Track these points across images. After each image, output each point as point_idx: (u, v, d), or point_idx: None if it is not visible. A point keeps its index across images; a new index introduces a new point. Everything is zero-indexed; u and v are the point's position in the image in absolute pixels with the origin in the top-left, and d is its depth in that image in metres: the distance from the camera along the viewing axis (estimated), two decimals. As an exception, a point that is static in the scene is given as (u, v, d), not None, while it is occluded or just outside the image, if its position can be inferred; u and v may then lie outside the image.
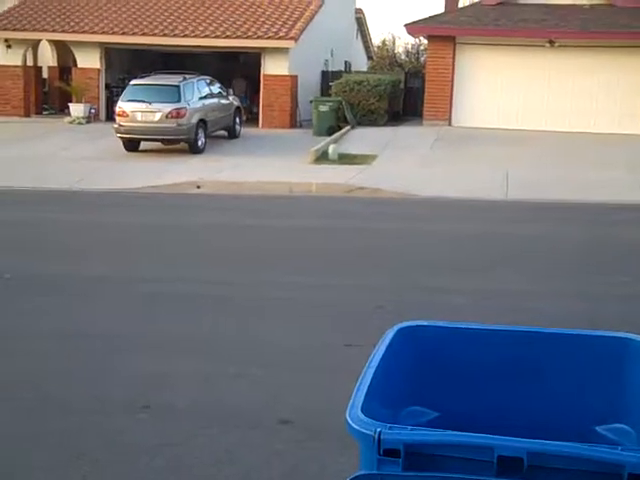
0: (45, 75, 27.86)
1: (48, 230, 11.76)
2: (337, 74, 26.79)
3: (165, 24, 25.32)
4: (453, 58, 23.95)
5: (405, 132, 23.20)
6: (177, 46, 25.52)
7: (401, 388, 3.10)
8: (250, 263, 9.46)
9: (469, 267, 9.31)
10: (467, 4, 27.87)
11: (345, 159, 18.66)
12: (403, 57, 42.83)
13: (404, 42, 43.15)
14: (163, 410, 5.21)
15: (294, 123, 24.77)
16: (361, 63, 36.13)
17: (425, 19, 24.76)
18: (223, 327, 6.99)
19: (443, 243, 10.72)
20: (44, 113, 26.97)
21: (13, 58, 26.03)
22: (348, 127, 23.09)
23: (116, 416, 5.13)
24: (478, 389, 3.23)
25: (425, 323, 3.30)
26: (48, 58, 27.84)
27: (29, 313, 7.38)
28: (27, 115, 26.00)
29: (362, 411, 2.46)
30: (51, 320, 7.17)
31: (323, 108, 22.74)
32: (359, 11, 35.07)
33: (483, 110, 23.62)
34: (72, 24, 25.58)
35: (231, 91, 22.84)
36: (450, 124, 23.97)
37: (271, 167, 17.85)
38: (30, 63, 26.61)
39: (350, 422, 2.44)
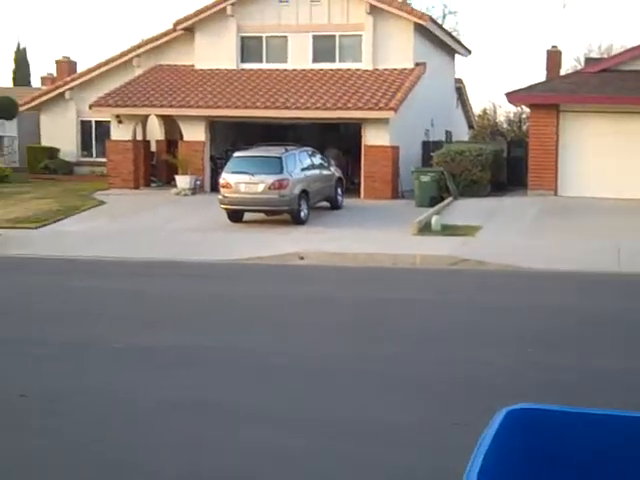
0: (153, 148, 28.76)
1: (152, 300, 11.94)
2: (438, 144, 26.75)
3: (267, 96, 25.88)
4: (557, 126, 23.63)
5: (509, 202, 22.87)
6: (279, 118, 26.02)
7: (512, 474, 2.95)
8: (355, 335, 9.35)
9: (586, 345, 8.95)
10: (569, 72, 27.58)
11: (448, 230, 18.47)
12: (505, 125, 42.57)
13: (505, 110, 42.96)
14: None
15: (396, 194, 24.75)
16: (462, 132, 36.06)
17: (526, 88, 24.58)
18: (330, 401, 6.88)
19: (556, 317, 10.37)
20: (152, 185, 27.78)
21: (123, 133, 27.03)
22: (450, 198, 22.91)
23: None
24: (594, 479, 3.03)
25: (536, 406, 3.11)
26: (156, 132, 28.80)
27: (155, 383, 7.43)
28: (136, 187, 26.83)
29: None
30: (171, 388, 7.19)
31: (425, 178, 22.65)
32: (459, 81, 35.13)
33: (590, 179, 23.09)
34: (179, 99, 26.44)
35: (332, 162, 23.01)
36: (556, 194, 23.52)
37: (374, 238, 17.80)
38: (139, 137, 27.56)
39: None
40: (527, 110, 29.31)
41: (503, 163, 26.38)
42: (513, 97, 25.11)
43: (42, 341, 9.42)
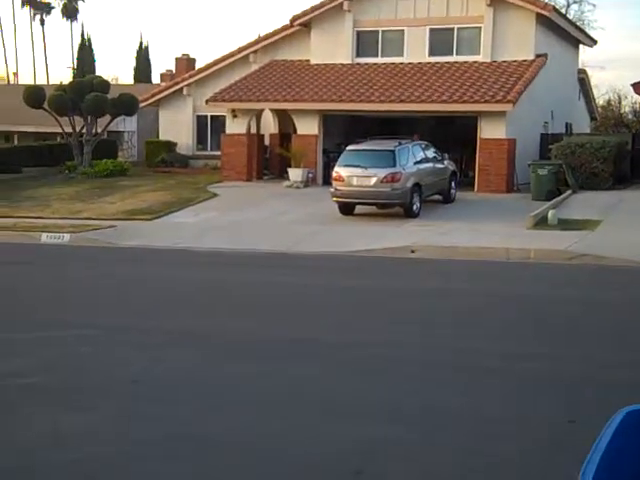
0: (267, 142, 28.98)
1: (267, 292, 11.89)
2: (557, 136, 25.83)
3: (381, 90, 25.61)
4: (686, 117, 22.38)
5: (632, 196, 21.83)
6: (392, 112, 25.72)
7: (628, 476, 2.80)
8: (467, 328, 8.99)
9: None
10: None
11: (566, 225, 17.72)
12: (630, 117, 40.86)
13: (631, 101, 41.29)
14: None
15: (511, 187, 24.05)
16: (583, 124, 34.78)
17: (654, 77, 23.39)
18: (432, 394, 6.60)
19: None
20: (265, 178, 27.99)
21: (238, 127, 27.32)
22: (569, 191, 22.07)
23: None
24: None
25: None
26: (269, 126, 28.99)
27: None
28: (249, 180, 27.08)
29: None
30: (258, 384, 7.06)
31: (542, 172, 21.88)
32: (582, 71, 33.89)
33: None
34: (292, 93, 26.50)
35: (446, 155, 22.55)
36: (683, 187, 22.32)
37: (487, 232, 17.29)
38: (253, 131, 27.80)
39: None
40: (654, 101, 27.96)
41: (627, 156, 25.21)
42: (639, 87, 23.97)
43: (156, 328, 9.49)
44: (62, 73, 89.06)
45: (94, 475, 5.23)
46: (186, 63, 35.75)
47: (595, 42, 32.83)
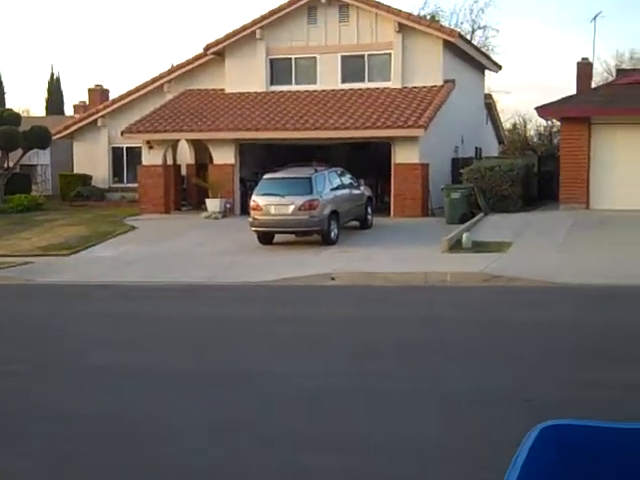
0: (184, 172, 28.95)
1: (184, 325, 11.93)
2: (468, 160, 26.59)
3: (296, 118, 25.94)
4: (588, 139, 23.38)
5: (541, 217, 22.63)
6: (309, 139, 26.04)
7: None
8: (399, 355, 9.23)
9: (628, 358, 8.76)
10: (600, 83, 27.32)
11: (479, 247, 18.28)
12: (535, 140, 42.27)
13: (536, 124, 42.71)
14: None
15: (426, 211, 24.61)
16: (492, 148, 35.85)
17: (557, 101, 24.36)
18: (370, 422, 6.78)
19: (595, 333, 10.18)
20: (182, 209, 27.93)
21: (154, 158, 27.23)
22: (481, 214, 22.73)
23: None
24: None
25: (571, 422, 2.97)
26: (186, 156, 28.98)
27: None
28: (167, 211, 26.97)
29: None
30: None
31: (455, 195, 22.49)
32: (488, 97, 34.97)
33: (622, 192, 22.77)
34: (208, 123, 26.60)
35: (362, 181, 22.94)
36: (588, 207, 23.24)
37: (404, 257, 17.69)
38: (170, 162, 27.75)
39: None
40: (558, 123, 29.07)
41: (534, 178, 26.15)
42: (544, 111, 24.93)
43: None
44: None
45: None
46: (100, 94, 35.46)
47: (500, 67, 33.94)
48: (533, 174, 26.11)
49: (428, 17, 40.33)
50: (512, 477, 2.54)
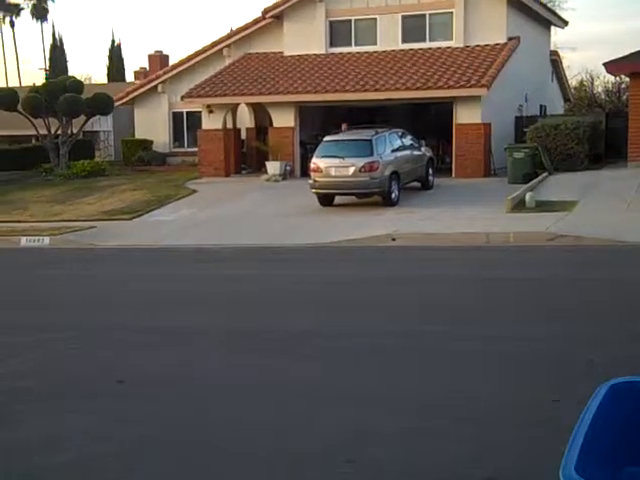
0: (243, 136, 28.96)
1: (258, 286, 11.93)
2: (532, 119, 25.99)
3: (356, 79, 25.65)
4: (658, 95, 22.57)
5: (607, 176, 22.01)
6: (369, 100, 25.75)
7: (616, 447, 2.90)
8: (466, 316, 9.08)
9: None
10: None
11: (543, 207, 17.87)
12: (603, 97, 41.13)
13: (604, 81, 41.54)
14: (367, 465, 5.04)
15: (488, 171, 24.19)
16: (557, 106, 34.99)
17: (627, 56, 23.53)
18: (430, 381, 6.69)
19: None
20: (242, 172, 27.98)
21: (214, 122, 27.29)
22: (545, 173, 22.23)
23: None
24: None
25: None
26: (246, 120, 28.96)
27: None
28: (227, 175, 27.07)
29: (576, 471, 2.35)
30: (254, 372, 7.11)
31: (518, 155, 22.01)
32: (554, 53, 34.07)
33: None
34: (268, 86, 26.50)
35: (423, 142, 22.64)
36: (658, 164, 22.51)
37: (466, 217, 17.41)
38: (229, 126, 27.77)
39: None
40: (627, 80, 28.15)
41: (601, 135, 25.39)
42: (613, 67, 24.13)
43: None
44: (35, 75, 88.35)
45: (90, 476, 5.27)
46: (159, 60, 35.64)
47: (566, 23, 33.00)
48: (600, 132, 25.36)
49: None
50: (580, 433, 2.57)
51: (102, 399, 6.78)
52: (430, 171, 22.18)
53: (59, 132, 29.97)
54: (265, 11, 28.75)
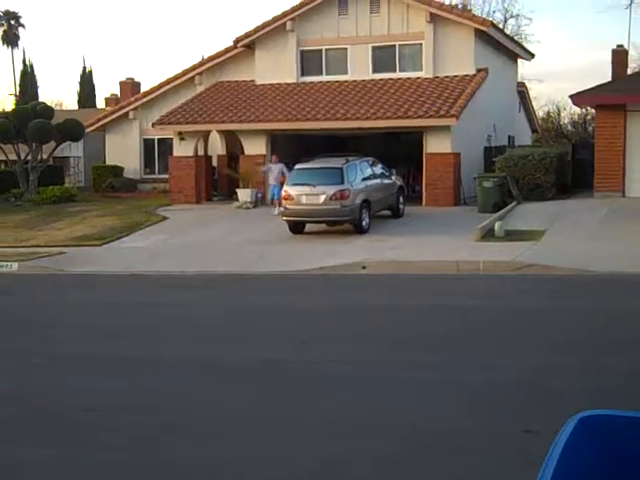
0: (215, 163, 28.99)
1: (228, 311, 11.92)
2: (501, 149, 26.33)
3: (327, 108, 25.83)
4: (624, 127, 23.02)
5: (574, 205, 22.32)
6: (339, 129, 25.94)
7: None
8: (434, 345, 9.14)
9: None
10: (636, 70, 26.86)
11: (512, 236, 18.07)
12: (569, 128, 41.76)
13: (570, 112, 42.19)
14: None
15: (458, 200, 24.41)
16: (525, 136, 35.48)
17: (592, 88, 24.01)
18: (398, 410, 6.72)
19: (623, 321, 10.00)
20: (214, 199, 27.98)
21: (185, 149, 27.30)
22: (514, 203, 22.49)
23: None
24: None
25: (610, 413, 2.86)
26: (217, 147, 29.01)
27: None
28: (198, 202, 27.04)
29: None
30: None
31: (487, 184, 22.27)
32: (521, 85, 34.61)
33: (659, 180, 22.40)
34: (239, 114, 26.59)
35: (393, 171, 22.81)
36: (624, 195, 22.89)
37: (436, 246, 17.53)
38: (201, 153, 27.80)
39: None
40: (593, 111, 28.67)
41: (568, 166, 25.82)
42: (579, 99, 24.59)
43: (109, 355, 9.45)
44: (4, 100, 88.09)
45: None
46: (131, 87, 35.63)
47: (533, 55, 33.56)
48: (567, 162, 25.79)
49: (460, 6, 39.95)
50: (549, 469, 2.49)
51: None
52: (401, 199, 22.32)
53: (29, 157, 29.84)
54: (237, 40, 28.91)
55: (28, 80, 53.70)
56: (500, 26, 37.37)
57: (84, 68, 51.14)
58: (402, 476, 5.48)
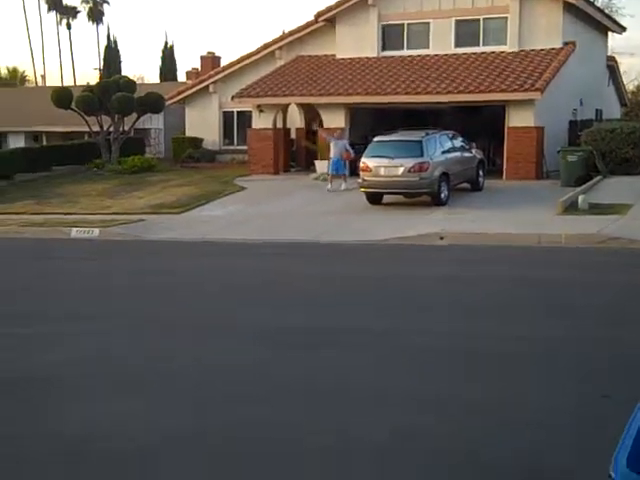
0: (293, 136, 28.95)
1: (307, 282, 11.87)
2: (587, 123, 25.58)
3: (407, 82, 25.48)
4: None
5: (664, 181, 21.51)
6: (419, 103, 25.56)
7: None
8: (507, 315, 8.91)
9: None
10: None
11: (596, 209, 17.50)
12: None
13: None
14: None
15: (540, 174, 23.83)
16: (614, 110, 34.40)
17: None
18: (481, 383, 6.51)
19: None
20: (291, 170, 28.00)
21: (264, 122, 27.33)
22: (599, 177, 21.82)
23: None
24: None
25: None
26: (296, 120, 28.94)
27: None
28: (276, 173, 27.08)
29: (628, 466, 2.26)
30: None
31: (572, 158, 21.66)
32: (611, 58, 33.54)
33: None
34: (319, 88, 26.45)
35: (474, 144, 22.40)
36: None
37: (516, 218, 17.12)
38: (280, 125, 27.78)
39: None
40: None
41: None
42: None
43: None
44: (89, 74, 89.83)
45: (127, 462, 5.22)
46: (211, 61, 35.83)
47: (624, 29, 32.45)
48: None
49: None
50: (633, 427, 2.47)
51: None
52: (480, 173, 21.94)
53: (111, 129, 30.35)
54: (318, 15, 28.75)
55: (112, 55, 54.71)
56: (590, -1, 36.16)
57: (166, 43, 51.83)
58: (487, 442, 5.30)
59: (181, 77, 47.45)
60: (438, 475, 4.77)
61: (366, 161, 19.90)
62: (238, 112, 30.70)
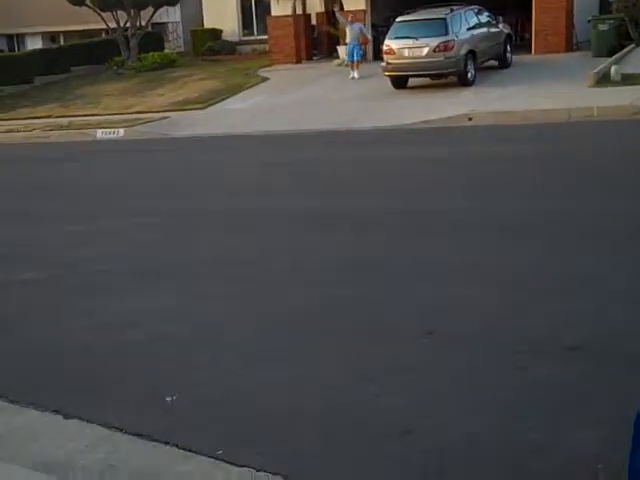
0: (313, 21, 28.21)
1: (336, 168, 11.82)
2: (618, -11, 24.53)
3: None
4: None
5: (700, 45, 20.76)
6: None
7: None
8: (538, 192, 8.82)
9: None
10: None
11: (630, 80, 16.98)
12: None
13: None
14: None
15: (570, 46, 23.06)
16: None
17: None
18: (512, 255, 6.64)
19: None
20: (314, 58, 27.42)
21: (283, 8, 26.58)
22: (632, 45, 21.09)
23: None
24: None
25: None
26: (315, 4, 28.10)
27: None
28: (298, 61, 26.52)
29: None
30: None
31: (603, 27, 20.88)
32: None
33: None
34: (337, -32, 25.57)
35: (500, 19, 21.67)
36: None
37: (546, 94, 16.72)
38: (299, 11, 27.03)
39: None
40: None
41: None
42: None
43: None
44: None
45: (165, 351, 5.32)
46: (226, -53, 34.67)
47: None
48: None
49: None
50: None
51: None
52: (508, 48, 21.28)
53: (128, 25, 29.74)
54: None
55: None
56: None
57: None
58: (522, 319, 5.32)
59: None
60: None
61: (389, 43, 19.41)
62: (256, 0, 29.93)
